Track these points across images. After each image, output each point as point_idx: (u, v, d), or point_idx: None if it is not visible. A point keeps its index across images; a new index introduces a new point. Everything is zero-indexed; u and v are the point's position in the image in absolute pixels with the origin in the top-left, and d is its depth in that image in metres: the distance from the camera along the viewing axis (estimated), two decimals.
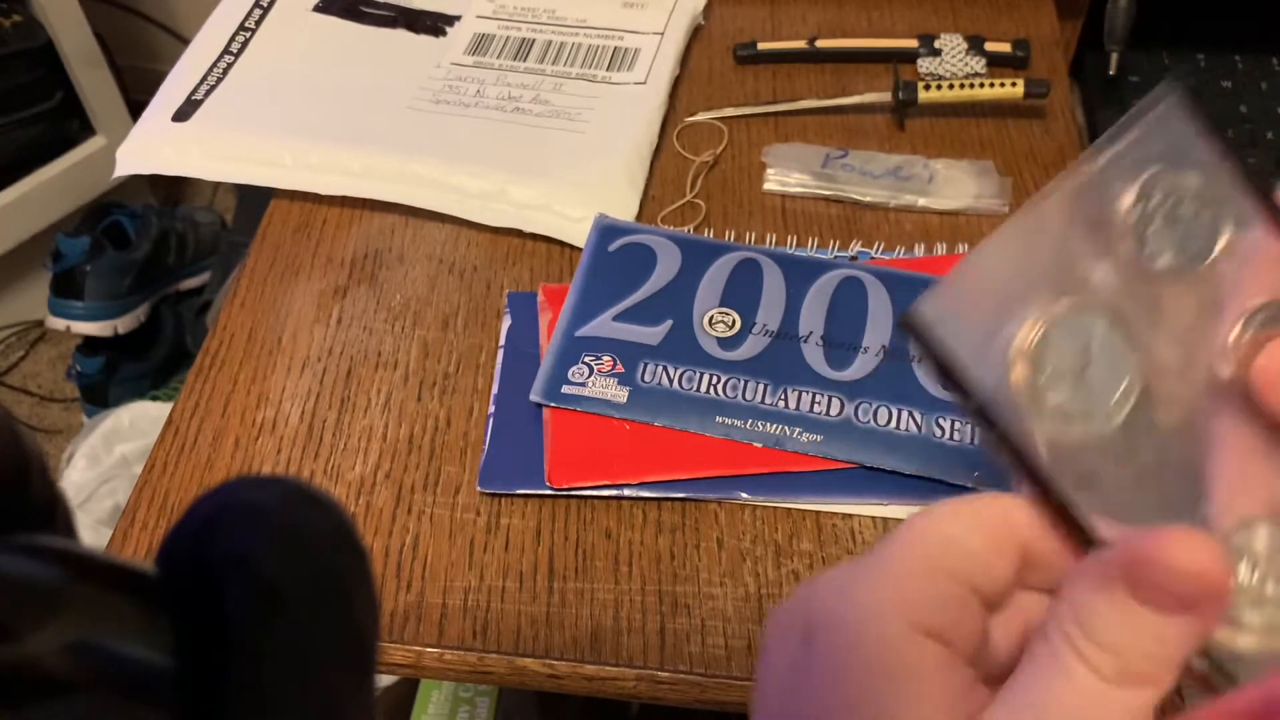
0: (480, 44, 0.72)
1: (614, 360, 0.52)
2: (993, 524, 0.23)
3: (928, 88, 0.64)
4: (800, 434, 0.49)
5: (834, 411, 0.50)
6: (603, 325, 0.54)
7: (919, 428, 0.49)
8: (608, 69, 0.69)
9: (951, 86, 0.64)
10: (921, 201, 0.60)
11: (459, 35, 0.73)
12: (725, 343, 0.53)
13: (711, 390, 0.51)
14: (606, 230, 0.58)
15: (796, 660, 0.23)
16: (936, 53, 0.69)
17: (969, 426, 0.49)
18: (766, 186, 0.62)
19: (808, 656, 0.22)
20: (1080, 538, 0.24)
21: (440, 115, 0.66)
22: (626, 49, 0.70)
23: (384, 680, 0.84)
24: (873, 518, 0.48)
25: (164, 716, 0.16)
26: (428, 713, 0.80)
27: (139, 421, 1.18)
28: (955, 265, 0.26)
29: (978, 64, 0.68)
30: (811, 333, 0.53)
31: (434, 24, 0.74)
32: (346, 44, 0.72)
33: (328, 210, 0.64)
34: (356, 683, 0.17)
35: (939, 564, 0.23)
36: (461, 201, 0.61)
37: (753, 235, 0.60)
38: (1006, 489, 0.25)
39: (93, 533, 1.11)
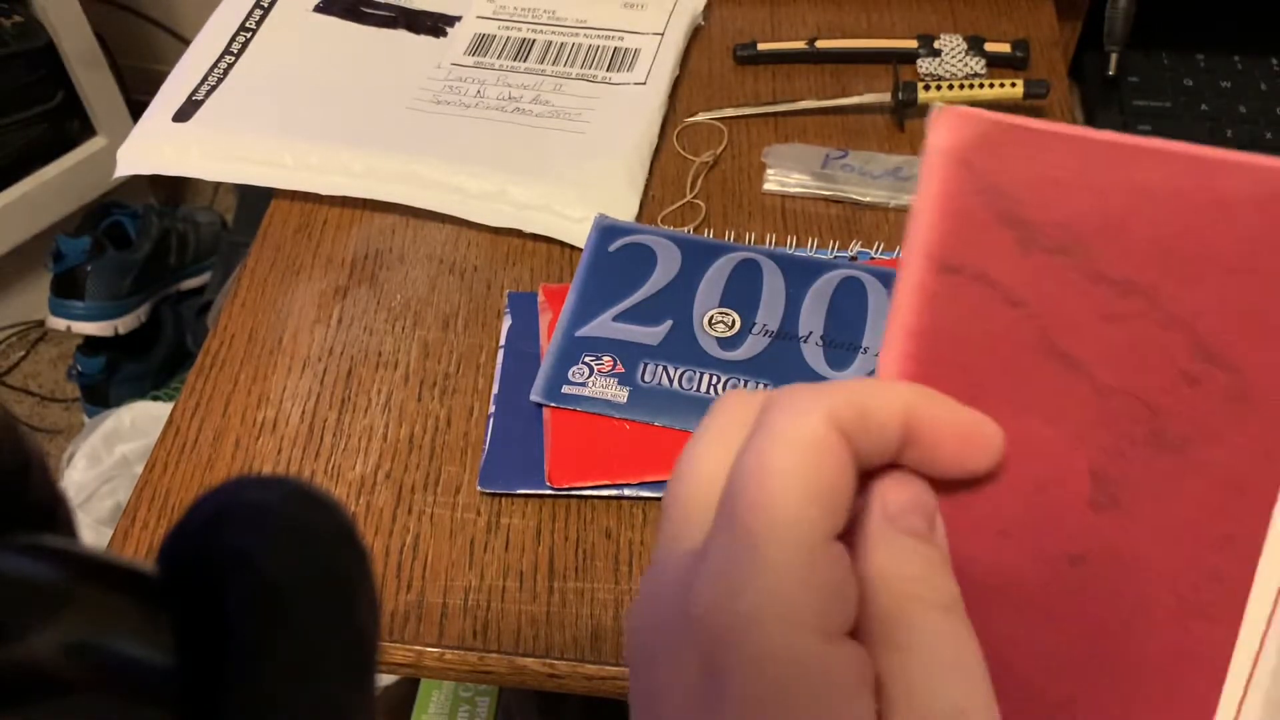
0: (480, 44, 0.72)
1: (614, 360, 0.52)
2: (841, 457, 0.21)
3: (927, 88, 0.64)
4: None
5: None
6: (603, 325, 0.54)
7: None
8: (608, 69, 0.69)
9: (951, 87, 0.64)
10: None
11: (459, 36, 0.73)
12: (725, 343, 0.53)
13: (711, 390, 0.51)
14: (606, 230, 0.59)
15: (702, 694, 0.20)
16: (936, 53, 0.69)
17: None
18: (766, 187, 0.62)
19: (717, 688, 0.20)
20: None
21: (441, 116, 0.66)
22: (626, 49, 0.70)
23: (384, 680, 0.84)
24: None
25: (164, 716, 0.16)
26: (428, 712, 0.80)
27: (140, 421, 1.18)
28: None
29: (977, 64, 0.68)
30: (811, 333, 0.53)
31: (434, 24, 0.74)
32: (347, 44, 0.72)
33: (328, 210, 0.64)
34: (357, 682, 0.17)
35: (824, 537, 0.20)
36: (462, 202, 0.61)
37: (753, 235, 0.60)
38: None
39: (93, 532, 1.11)
